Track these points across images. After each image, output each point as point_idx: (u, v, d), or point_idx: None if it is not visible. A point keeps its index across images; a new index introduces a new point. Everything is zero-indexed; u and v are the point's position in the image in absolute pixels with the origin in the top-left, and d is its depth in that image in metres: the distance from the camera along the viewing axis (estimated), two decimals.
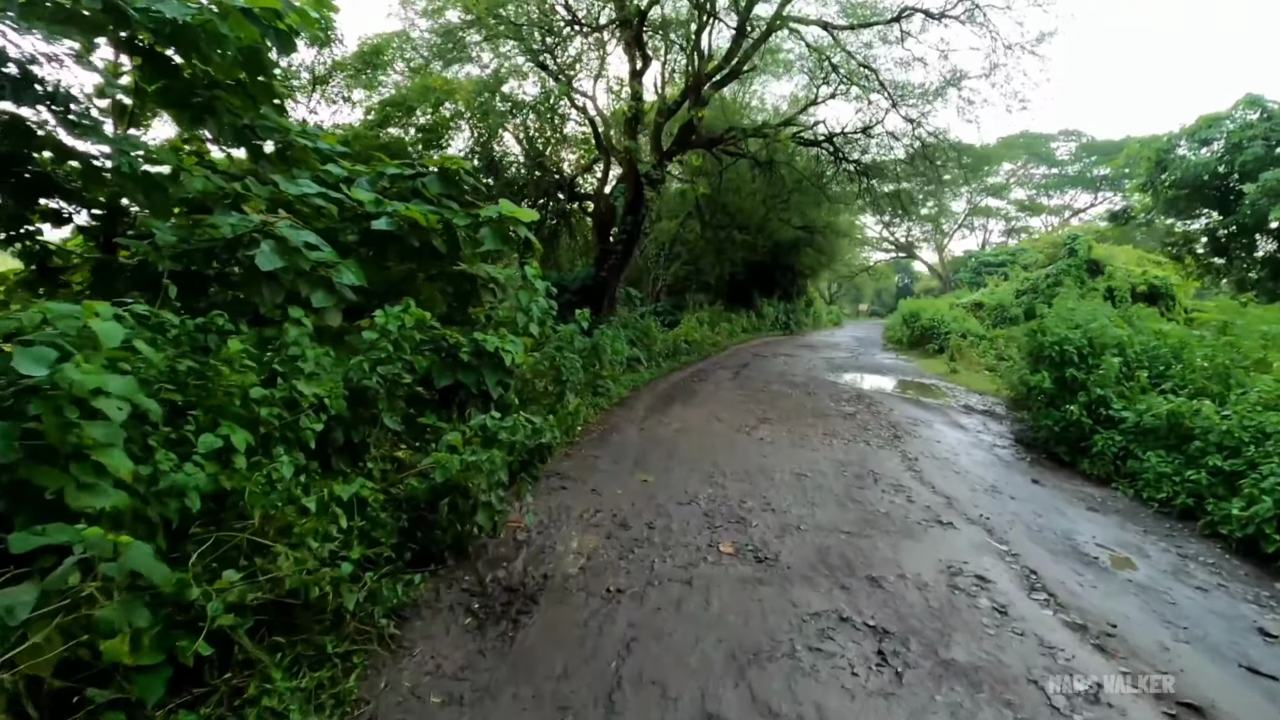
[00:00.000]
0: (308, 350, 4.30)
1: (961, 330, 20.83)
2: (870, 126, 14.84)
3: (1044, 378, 8.29)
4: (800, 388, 11.93)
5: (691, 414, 9.02)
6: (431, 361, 5.11)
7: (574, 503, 5.20)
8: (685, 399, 10.28)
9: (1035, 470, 7.52)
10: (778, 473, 6.30)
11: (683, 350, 16.48)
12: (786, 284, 29.09)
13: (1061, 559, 4.79)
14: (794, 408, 9.84)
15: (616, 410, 9.25)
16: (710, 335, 19.82)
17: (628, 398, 10.41)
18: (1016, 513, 5.75)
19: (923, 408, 10.93)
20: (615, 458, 6.53)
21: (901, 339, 23.77)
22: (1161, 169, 17.63)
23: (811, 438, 7.93)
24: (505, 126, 17.16)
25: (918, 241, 48.15)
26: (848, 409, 9.96)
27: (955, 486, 6.35)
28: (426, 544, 3.77)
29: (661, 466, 6.30)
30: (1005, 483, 6.77)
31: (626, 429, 7.93)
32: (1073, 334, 8.61)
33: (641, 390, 11.34)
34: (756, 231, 21.34)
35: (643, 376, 12.55)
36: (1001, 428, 9.81)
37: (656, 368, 13.78)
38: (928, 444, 8.17)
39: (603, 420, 8.48)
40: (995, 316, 24.35)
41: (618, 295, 14.00)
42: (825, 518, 5.15)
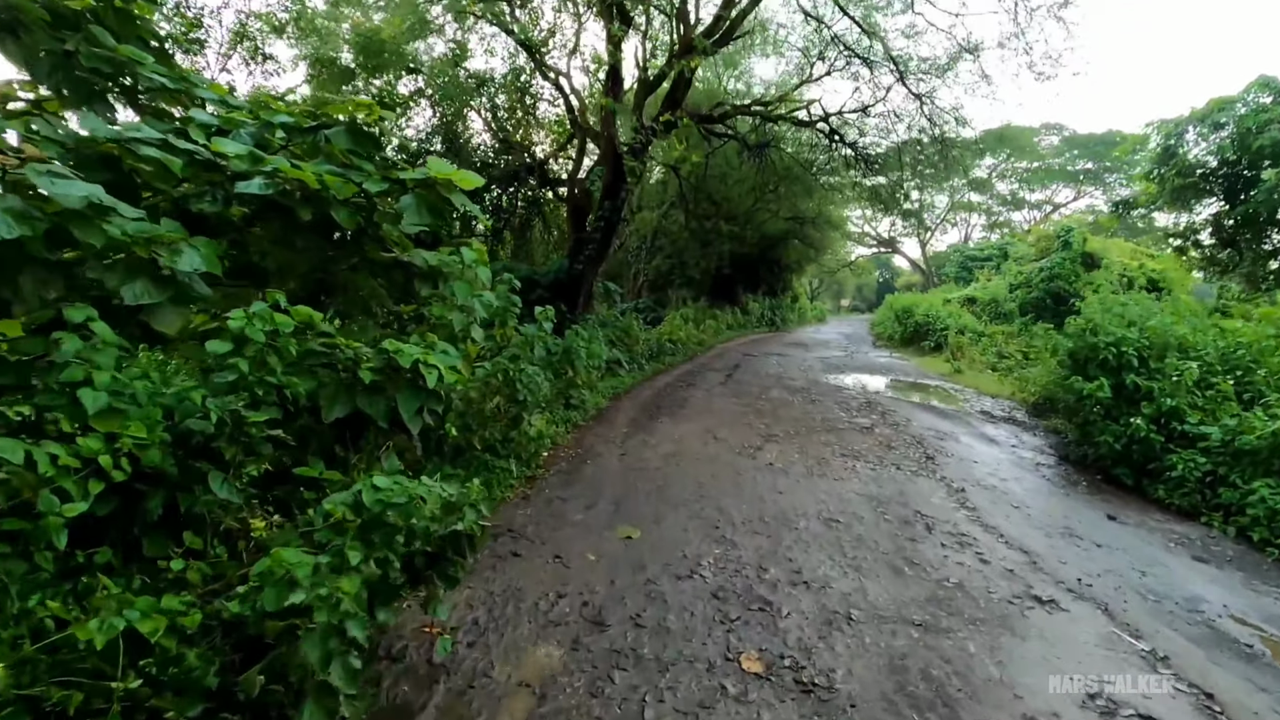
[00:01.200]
0: (101, 372, 2.69)
1: (958, 327, 19.66)
2: (870, 105, 13.43)
3: (1101, 384, 6.90)
4: (802, 394, 10.47)
5: (683, 430, 7.48)
6: (319, 384, 3.49)
7: (528, 581, 3.62)
8: (674, 410, 8.74)
9: (1099, 499, 6.14)
10: (801, 519, 4.78)
11: (667, 350, 14.95)
12: (772, 279, 27.74)
13: (1214, 652, 3.36)
14: (801, 419, 8.36)
15: (593, 427, 7.68)
16: (696, 333, 18.33)
17: (607, 409, 8.84)
18: (1116, 571, 4.32)
19: (941, 416, 9.54)
20: (589, 500, 4.95)
21: (893, 336, 22.54)
22: (1169, 155, 16.55)
23: (830, 461, 6.44)
24: (471, 105, 15.42)
25: (900, 236, 47.24)
26: (862, 420, 8.51)
27: (1025, 531, 4.90)
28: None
29: (649, 513, 4.74)
30: (1077, 520, 5.36)
31: (604, 454, 6.36)
32: (1130, 333, 7.26)
33: (623, 399, 9.77)
34: (744, 222, 19.86)
35: (624, 381, 10.99)
36: (1036, 440, 8.45)
37: (639, 371, 12.23)
38: (965, 466, 6.75)
39: (576, 442, 6.90)
40: (989, 312, 23.27)
41: (595, 290, 12.40)
42: (881, 596, 3.65)
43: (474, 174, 4.37)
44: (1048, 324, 22.26)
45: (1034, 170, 40.16)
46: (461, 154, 15.35)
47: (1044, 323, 22.16)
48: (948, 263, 37.38)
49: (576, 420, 7.79)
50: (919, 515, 4.99)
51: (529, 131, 16.24)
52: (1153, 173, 17.04)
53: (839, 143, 14.33)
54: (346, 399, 3.50)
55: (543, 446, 5.76)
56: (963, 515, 5.11)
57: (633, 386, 10.95)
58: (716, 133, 13.78)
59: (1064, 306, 23.02)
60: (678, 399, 9.63)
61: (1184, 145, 16.20)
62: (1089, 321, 7.63)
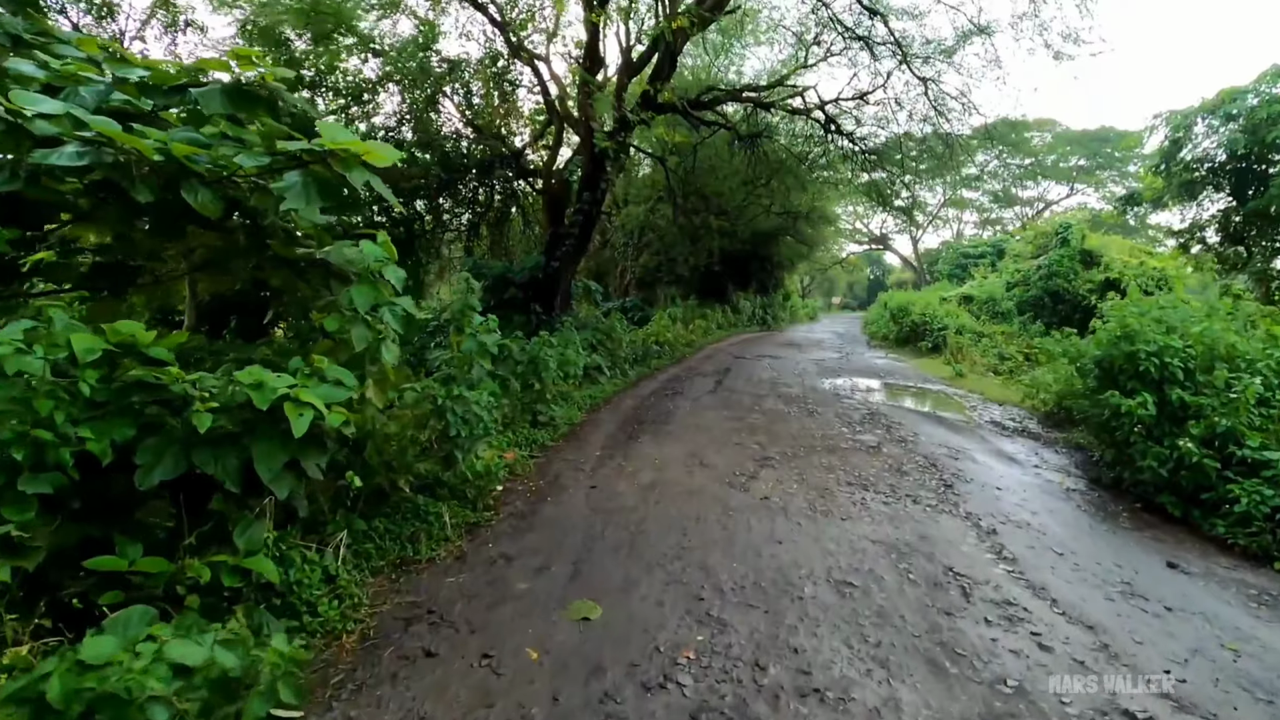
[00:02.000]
0: None
1: (957, 326, 18.79)
2: (868, 92, 12.45)
3: (1145, 401, 5.97)
4: (798, 402, 9.50)
5: (665, 453, 6.47)
6: (138, 434, 2.45)
7: (438, 703, 2.60)
8: (656, 426, 7.74)
9: (1148, 535, 5.22)
10: (806, 581, 3.79)
11: (654, 353, 13.95)
12: (764, 277, 26.79)
13: None
14: (799, 437, 7.38)
15: (563, 449, 6.66)
16: (684, 334, 17.34)
17: (581, 424, 7.82)
18: (1204, 651, 3.37)
19: (950, 429, 8.60)
20: (542, 558, 3.93)
21: (888, 335, 21.65)
22: (1177, 148, 15.72)
23: (835, 493, 5.46)
24: (443, 92, 14.28)
25: (891, 233, 46.47)
26: (866, 437, 7.54)
27: (1081, 593, 3.94)
28: None
29: (617, 577, 3.73)
30: (1133, 569, 4.41)
31: (571, 488, 5.35)
32: (1172, 340, 6.33)
33: (602, 410, 8.76)
34: (735, 218, 18.84)
35: (605, 390, 9.98)
36: (1059, 458, 7.52)
37: (622, 377, 11.22)
38: (989, 495, 5.80)
39: (540, 470, 5.88)
40: (987, 310, 22.43)
41: (573, 289, 11.36)
42: (921, 713, 2.67)
43: (388, 147, 3.34)
44: (1046, 324, 21.50)
45: (1026, 167, 39.46)
46: (433, 144, 14.24)
47: (1042, 322, 21.42)
48: (940, 260, 36.62)
49: (545, 441, 6.77)
50: (951, 573, 4.01)
51: (507, 121, 15.13)
52: (1159, 166, 16.22)
53: (835, 133, 13.35)
54: (177, 455, 2.46)
55: (492, 483, 4.73)
56: (1002, 571, 4.14)
57: (614, 395, 9.94)
58: (706, 121, 12.76)
59: (1062, 305, 22.29)
60: (662, 411, 8.62)
61: (1192, 138, 15.39)
62: (1123, 326, 6.69)
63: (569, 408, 8.27)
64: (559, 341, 9.49)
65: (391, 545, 3.72)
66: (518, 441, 6.47)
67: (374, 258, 3.14)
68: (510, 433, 6.57)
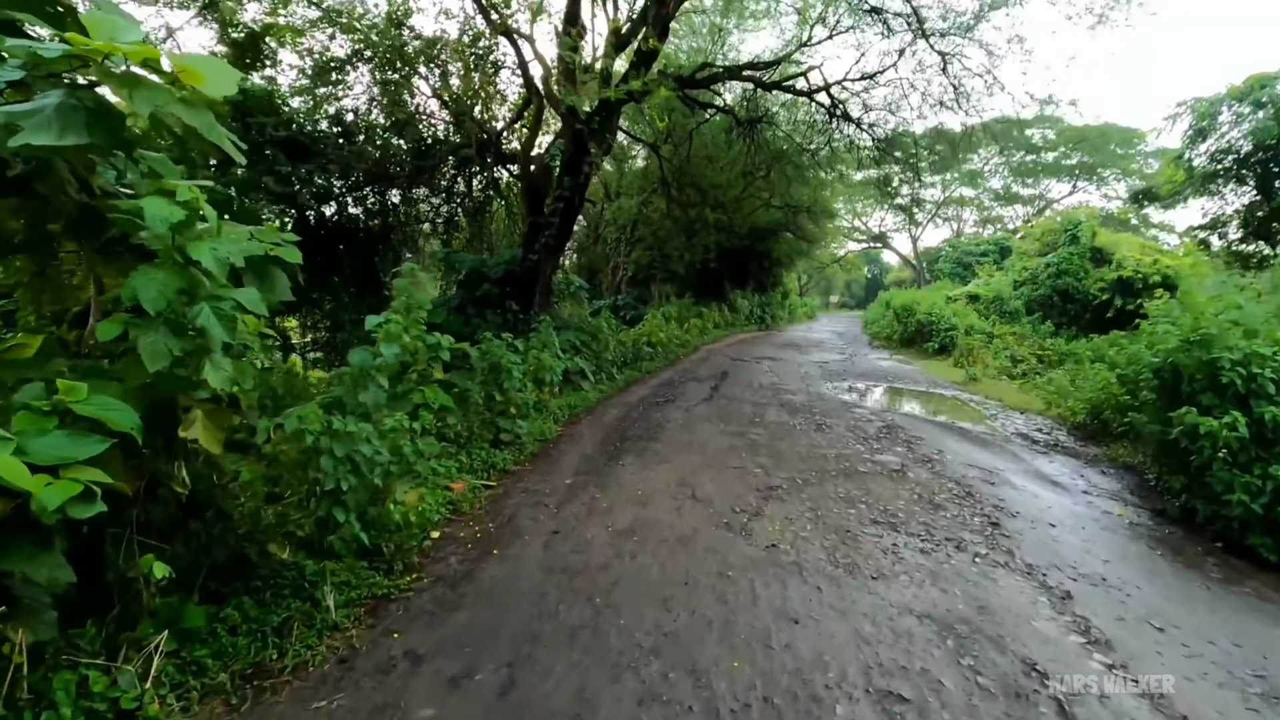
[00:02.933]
0: None
1: (965, 327, 17.69)
2: (879, 72, 11.31)
3: (1235, 420, 4.85)
4: (804, 413, 8.36)
5: (650, 480, 5.33)
6: None
7: None
8: (642, 443, 6.59)
9: (1248, 588, 4.10)
10: (838, 693, 2.65)
11: (645, 355, 12.81)
12: (761, 274, 25.65)
13: None
14: (808, 457, 6.23)
15: (526, 475, 5.50)
16: (679, 334, 16.19)
17: (555, 441, 6.67)
18: None
19: (977, 444, 7.49)
20: (466, 660, 2.77)
21: (892, 336, 20.53)
22: (1201, 137, 14.63)
23: (860, 538, 4.32)
24: (417, 71, 13.08)
25: (890, 231, 45.40)
26: (886, 457, 6.40)
27: (1217, 704, 2.81)
28: None
29: (567, 690, 2.58)
30: (1264, 656, 3.29)
31: (527, 534, 4.19)
32: (1257, 347, 5.22)
33: (581, 423, 7.61)
34: (733, 211, 17.66)
35: (587, 398, 8.83)
36: (1107, 480, 6.40)
37: (608, 382, 10.07)
38: (1045, 536, 4.68)
39: (492, 506, 4.73)
40: (994, 310, 21.34)
41: (554, 284, 10.20)
42: None
43: (218, 63, 2.19)
44: (1056, 324, 20.42)
45: (1027, 164, 38.42)
46: (407, 128, 13.06)
47: (1051, 322, 20.34)
48: (941, 258, 35.55)
49: (507, 464, 5.61)
50: (1033, 672, 2.87)
51: (488, 105, 13.92)
52: (1181, 157, 15.14)
53: (841, 118, 12.21)
54: None
55: (411, 539, 3.57)
56: (1099, 665, 3.01)
57: (598, 404, 8.79)
58: (702, 103, 11.60)
59: (1071, 304, 21.21)
60: (650, 424, 7.47)
61: (1218, 127, 14.32)
62: (1196, 328, 5.56)
63: (542, 420, 7.12)
64: (536, 343, 8.35)
65: (245, 644, 2.56)
66: (472, 466, 5.32)
67: (168, 221, 1.95)
68: (465, 455, 5.42)
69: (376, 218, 14.40)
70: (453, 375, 5.73)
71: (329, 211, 13.84)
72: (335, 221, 13.65)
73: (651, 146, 13.09)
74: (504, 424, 5.87)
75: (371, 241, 14.05)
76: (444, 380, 5.69)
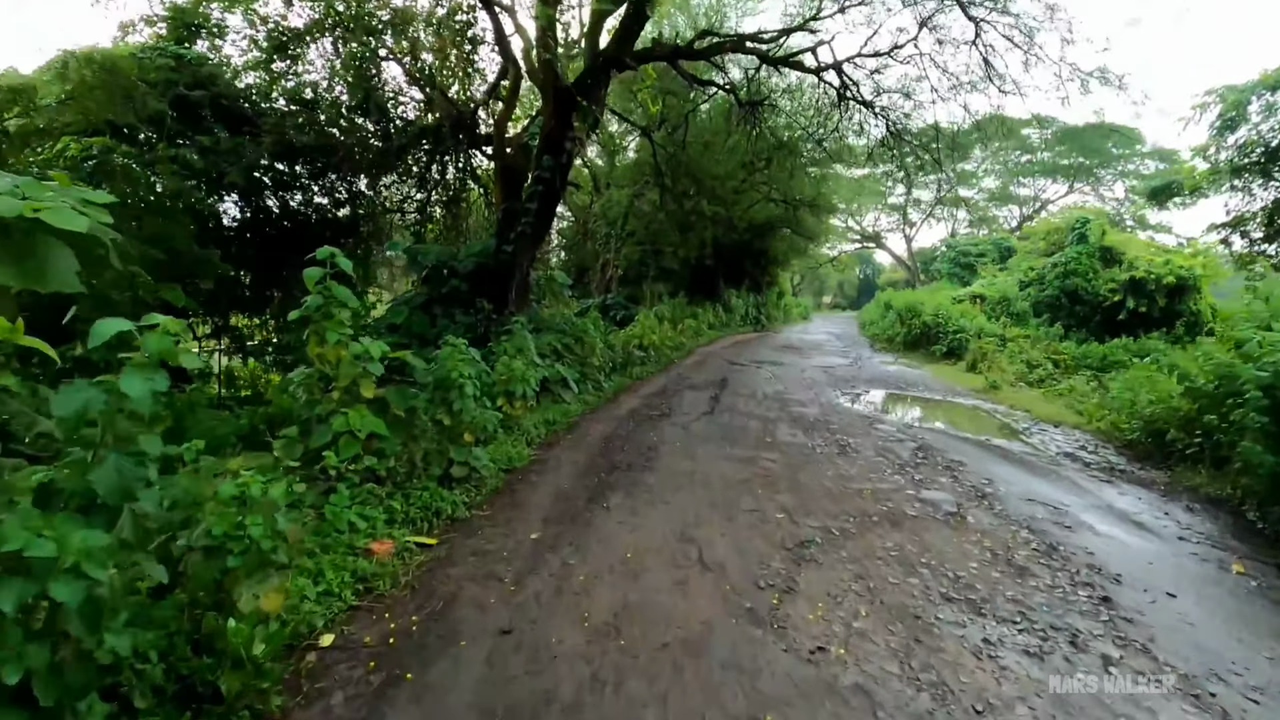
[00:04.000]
0: None
1: (974, 329, 16.54)
2: (899, 47, 10.06)
3: None
4: (821, 430, 7.07)
5: (642, 535, 4.01)
6: None
7: None
8: (632, 474, 5.27)
9: None
10: None
11: (636, 359, 11.50)
12: (757, 273, 24.41)
13: None
14: (840, 494, 4.94)
15: (478, 528, 4.14)
16: (672, 335, 14.88)
17: (524, 472, 5.33)
18: None
19: (1025, 468, 6.26)
20: None
21: (894, 338, 19.31)
22: (1231, 128, 13.56)
23: (941, 636, 3.02)
24: (385, 44, 11.67)
25: (884, 231, 44.35)
26: (935, 493, 5.12)
27: None
28: None
29: None
30: None
31: (463, 635, 2.84)
32: None
33: (558, 445, 6.28)
34: (730, 204, 16.37)
35: (569, 411, 7.50)
36: (1194, 518, 5.18)
37: (595, 391, 8.74)
38: (1175, 619, 3.42)
39: (423, 579, 3.37)
40: (1001, 311, 20.23)
41: (533, 280, 8.86)
42: None
43: None
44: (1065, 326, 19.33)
45: (1023, 163, 37.52)
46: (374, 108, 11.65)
47: (1060, 324, 19.25)
48: (938, 258, 34.54)
49: (457, 508, 4.27)
50: None
51: (466, 85, 12.51)
52: (1208, 150, 14.07)
53: (851, 100, 10.96)
54: None
55: (266, 681, 2.23)
56: None
57: (581, 418, 7.46)
58: (701, 80, 10.30)
59: (1080, 306, 20.13)
60: (642, 446, 6.15)
61: (1247, 118, 13.27)
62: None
63: (512, 442, 5.79)
64: (508, 348, 7.02)
65: None
66: (408, 515, 3.97)
67: None
68: (400, 499, 4.07)
69: (344, 206, 13.01)
70: (390, 391, 4.39)
71: (295, 202, 12.46)
72: (296, 211, 12.23)
73: (644, 130, 11.77)
74: (456, 454, 4.53)
75: (338, 233, 12.64)
76: (378, 398, 4.36)
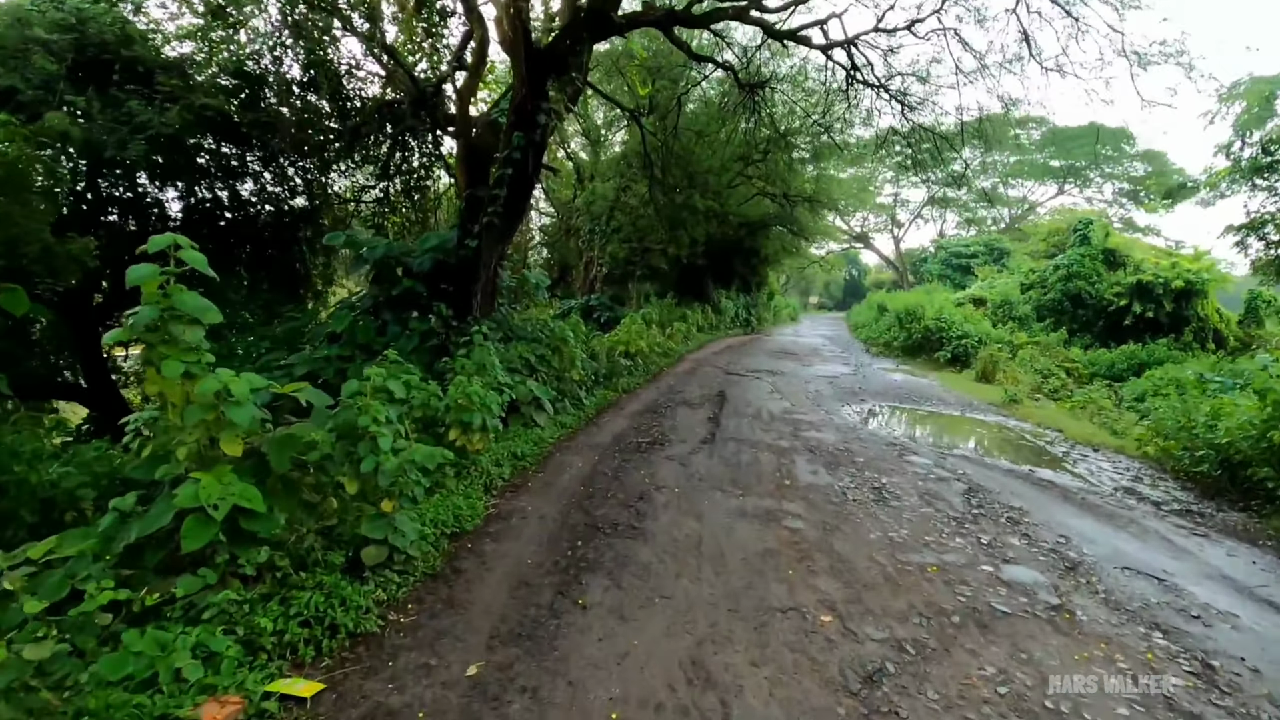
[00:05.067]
0: None
1: (979, 335, 15.45)
2: (920, 20, 8.83)
3: None
4: (847, 466, 5.80)
5: (634, 670, 2.66)
6: None
7: None
8: (618, 545, 3.92)
9: None
10: None
11: (621, 368, 10.17)
12: (747, 272, 23.18)
13: None
14: (901, 581, 3.63)
15: (395, 641, 2.78)
16: (661, 340, 13.57)
17: (474, 538, 3.96)
18: None
19: (1101, 519, 5.06)
20: None
21: (891, 343, 18.18)
22: (1259, 122, 12.59)
23: None
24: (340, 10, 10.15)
25: (872, 231, 43.50)
26: (1019, 571, 3.84)
27: None
28: None
29: None
30: None
31: None
32: None
33: (525, 491, 4.91)
34: (725, 198, 15.05)
35: (542, 440, 6.14)
36: None
37: (574, 410, 7.39)
38: None
39: None
40: (1002, 315, 19.24)
41: (502, 278, 7.45)
42: None
43: None
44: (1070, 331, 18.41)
45: (1014, 165, 36.85)
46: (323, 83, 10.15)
47: (1064, 329, 18.31)
48: (929, 259, 33.69)
49: (364, 620, 2.89)
50: None
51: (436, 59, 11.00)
52: (1231, 146, 13.13)
53: (861, 82, 9.74)
54: None
55: None
56: None
57: (555, 449, 6.11)
58: (698, 55, 8.97)
59: (1084, 310, 19.21)
60: (629, 496, 4.81)
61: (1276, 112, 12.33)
62: None
63: (461, 491, 4.42)
64: (468, 365, 5.65)
65: None
66: (282, 641, 2.60)
67: None
68: (276, 608, 2.69)
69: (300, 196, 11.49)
70: (271, 442, 3.00)
71: (246, 192, 10.90)
72: (248, 202, 10.72)
73: (632, 114, 10.39)
74: (369, 528, 3.16)
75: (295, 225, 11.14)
76: (252, 453, 2.97)
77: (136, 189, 9.27)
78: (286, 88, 10.60)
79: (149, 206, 9.51)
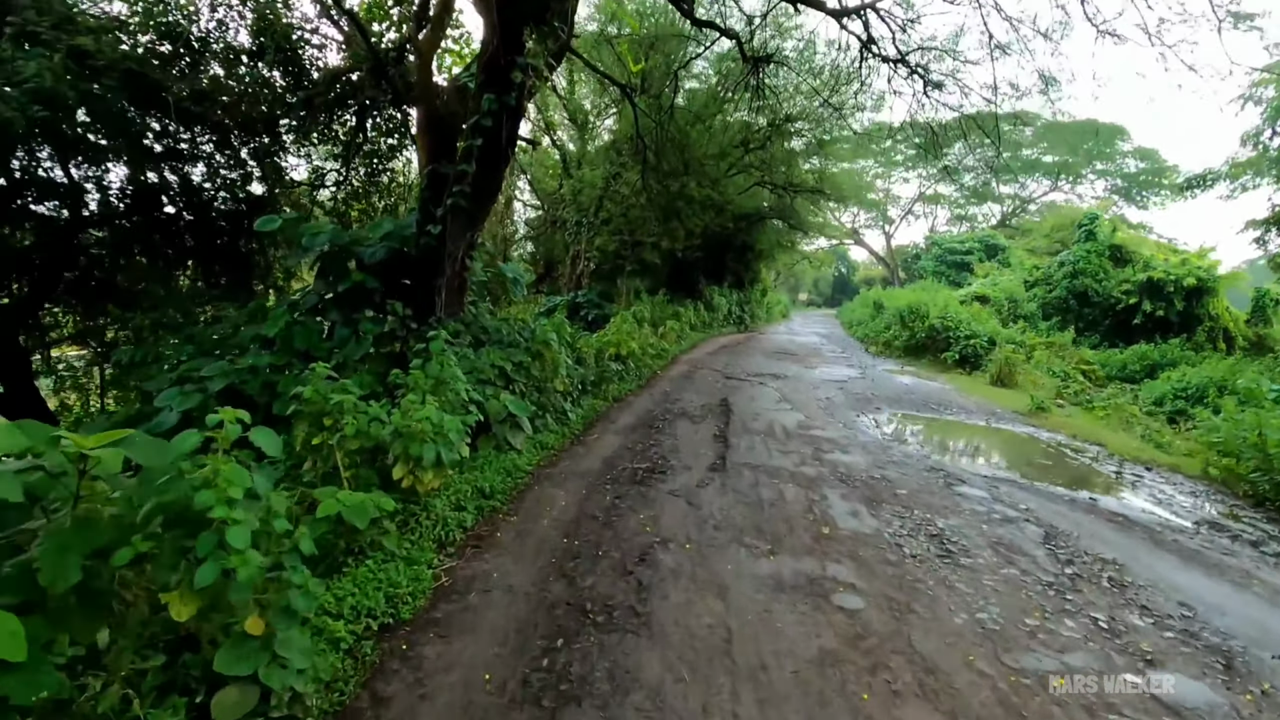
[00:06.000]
0: None
1: (988, 335, 14.49)
2: None
3: None
4: (891, 504, 4.71)
5: None
6: None
7: None
8: (611, 648, 2.78)
9: None
10: None
11: (610, 374, 9.02)
12: (740, 267, 22.08)
13: None
14: (1013, 703, 2.56)
15: None
16: (654, 341, 12.43)
17: (409, 637, 2.79)
18: None
19: (1216, 576, 4.03)
20: None
21: (891, 342, 17.17)
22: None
23: None
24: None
25: (862, 228, 42.68)
26: (1170, 679, 2.77)
27: None
28: None
29: None
30: None
31: None
32: None
33: (492, 545, 3.74)
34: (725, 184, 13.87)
35: (518, 469, 4.97)
36: None
37: (556, 427, 6.23)
38: None
39: None
40: (1007, 313, 18.37)
41: (471, 271, 6.23)
42: None
43: None
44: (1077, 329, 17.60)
45: (1004, 160, 36.11)
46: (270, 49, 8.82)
47: (1071, 328, 17.50)
48: (922, 255, 32.87)
49: None
50: None
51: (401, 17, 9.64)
52: (1261, 135, 12.27)
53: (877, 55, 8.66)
54: None
55: None
56: None
57: (533, 481, 4.95)
58: (699, 20, 7.81)
59: (1090, 308, 18.41)
60: (626, 558, 3.66)
61: None
62: None
63: (403, 554, 3.26)
64: (422, 379, 4.47)
65: None
66: None
67: None
68: None
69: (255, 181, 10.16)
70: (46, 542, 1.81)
71: (197, 175, 9.54)
72: (199, 187, 9.39)
73: (623, 89, 9.20)
74: (226, 661, 1.99)
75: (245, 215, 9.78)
76: None
77: (69, 173, 7.94)
78: (234, 56, 9.27)
79: (83, 193, 8.20)
